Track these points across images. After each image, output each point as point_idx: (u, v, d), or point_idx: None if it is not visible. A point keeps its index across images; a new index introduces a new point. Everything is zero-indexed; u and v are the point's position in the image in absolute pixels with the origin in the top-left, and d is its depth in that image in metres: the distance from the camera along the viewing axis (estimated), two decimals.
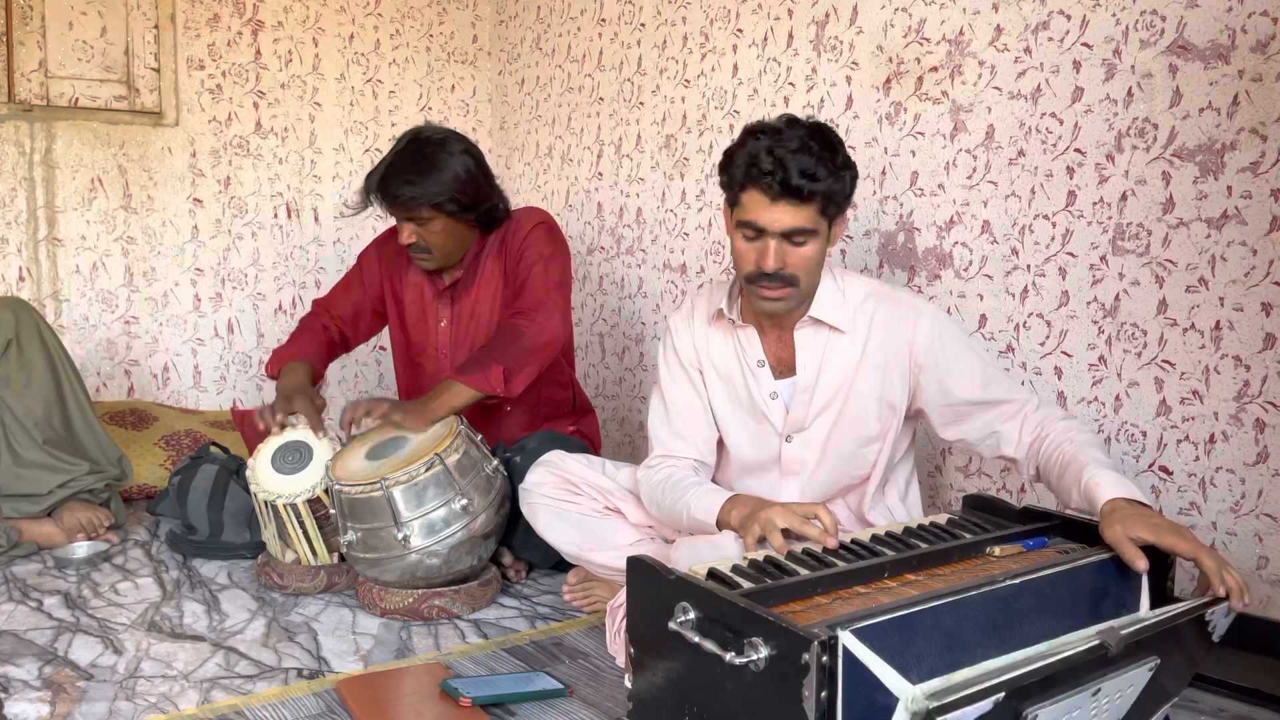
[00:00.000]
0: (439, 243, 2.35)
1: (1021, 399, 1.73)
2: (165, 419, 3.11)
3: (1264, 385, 1.74)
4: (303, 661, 1.84)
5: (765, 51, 2.64)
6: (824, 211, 1.67)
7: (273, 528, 2.23)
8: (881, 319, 1.78)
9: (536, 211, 2.49)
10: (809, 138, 1.64)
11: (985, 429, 1.74)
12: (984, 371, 1.75)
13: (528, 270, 2.37)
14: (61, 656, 1.85)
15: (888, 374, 1.79)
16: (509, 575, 2.31)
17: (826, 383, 1.80)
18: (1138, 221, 1.89)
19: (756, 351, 1.84)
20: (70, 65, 3.19)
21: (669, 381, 1.93)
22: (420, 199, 2.27)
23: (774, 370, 1.84)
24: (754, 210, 1.66)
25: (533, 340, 2.27)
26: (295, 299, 3.61)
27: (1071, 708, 1.20)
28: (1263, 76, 1.71)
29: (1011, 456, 1.73)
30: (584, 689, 1.71)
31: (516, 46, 3.74)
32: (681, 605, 1.24)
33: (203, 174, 3.42)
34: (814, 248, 1.68)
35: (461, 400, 2.20)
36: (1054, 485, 1.64)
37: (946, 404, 1.76)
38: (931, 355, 1.75)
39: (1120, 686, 1.26)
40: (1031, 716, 1.15)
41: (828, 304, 1.78)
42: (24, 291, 3.18)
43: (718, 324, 1.88)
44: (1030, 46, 2.04)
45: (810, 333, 1.80)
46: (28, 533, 2.48)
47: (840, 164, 1.66)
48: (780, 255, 1.66)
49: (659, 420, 1.93)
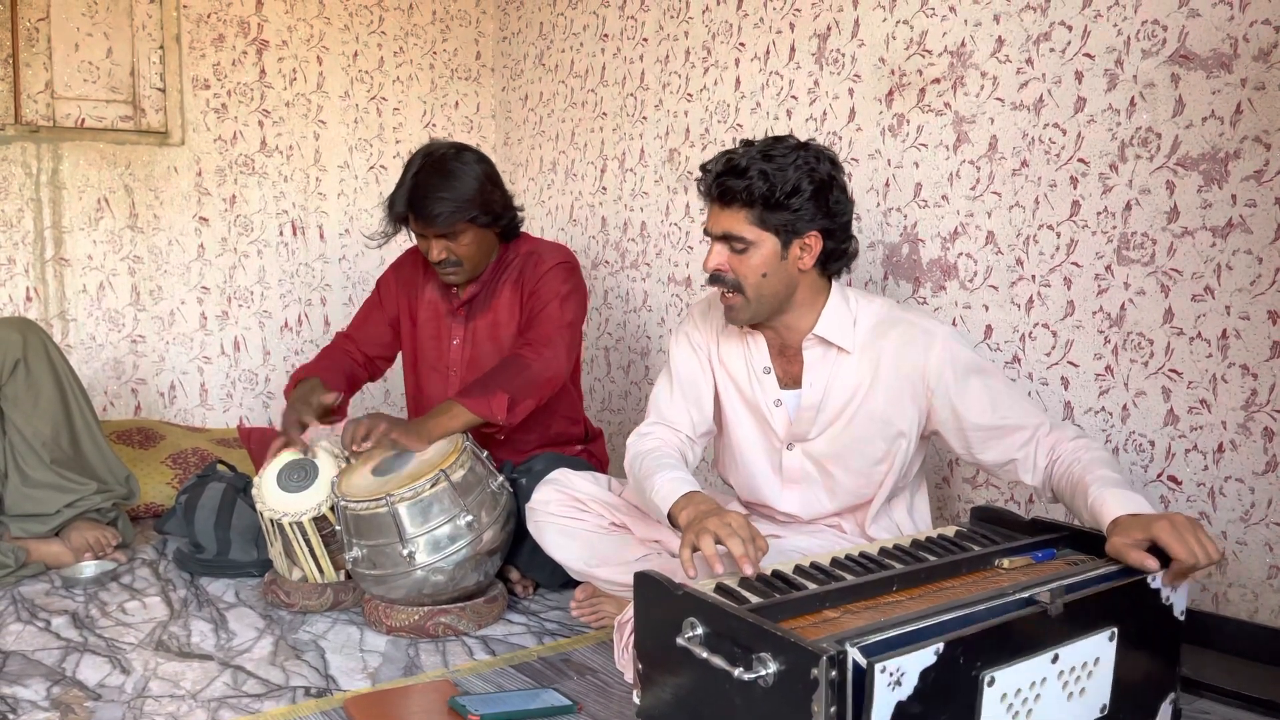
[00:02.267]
0: (469, 254, 2.36)
1: (1034, 424, 1.71)
2: (172, 437, 3.12)
3: (1272, 393, 1.73)
4: (310, 680, 1.84)
5: (767, 65, 2.64)
6: (764, 223, 1.70)
7: (279, 545, 2.22)
8: (894, 342, 1.77)
9: (561, 249, 2.51)
10: (758, 149, 1.72)
11: (1002, 456, 1.73)
12: (996, 396, 1.74)
13: (543, 305, 2.39)
14: (69, 677, 1.85)
15: (899, 397, 1.78)
16: (516, 592, 2.31)
17: (833, 401, 1.81)
18: (1142, 231, 1.89)
19: (764, 359, 1.87)
20: (76, 86, 3.21)
21: (678, 359, 1.96)
22: (456, 214, 2.28)
23: (780, 380, 1.86)
24: (706, 213, 1.80)
25: (538, 374, 2.28)
26: (301, 316, 3.62)
27: (1033, 674, 1.21)
28: (1265, 85, 1.71)
29: (1029, 484, 1.73)
30: (592, 705, 1.70)
31: (520, 63, 3.76)
32: (689, 620, 1.24)
33: (208, 193, 3.44)
34: (757, 259, 1.72)
35: (460, 423, 2.20)
36: (1070, 507, 1.64)
37: (959, 428, 1.76)
38: (943, 379, 1.74)
39: (1082, 656, 1.26)
40: (988, 679, 1.16)
41: (834, 324, 1.79)
42: (31, 312, 3.19)
43: (731, 326, 1.89)
44: (1032, 57, 2.04)
45: (819, 352, 1.81)
46: (35, 552, 2.49)
47: (782, 167, 1.68)
48: (720, 258, 1.75)
49: (663, 390, 1.97)
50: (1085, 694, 1.29)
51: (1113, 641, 1.30)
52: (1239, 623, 1.78)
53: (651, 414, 1.96)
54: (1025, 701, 1.22)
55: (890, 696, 1.09)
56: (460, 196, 2.28)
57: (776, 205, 1.69)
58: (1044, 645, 1.23)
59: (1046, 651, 1.23)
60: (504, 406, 2.21)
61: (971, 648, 1.16)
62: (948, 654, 1.13)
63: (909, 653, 1.10)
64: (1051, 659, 1.23)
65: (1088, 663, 1.28)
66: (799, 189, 1.69)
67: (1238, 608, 1.80)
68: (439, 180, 2.28)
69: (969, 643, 1.15)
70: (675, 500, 1.65)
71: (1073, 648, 1.25)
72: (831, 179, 1.74)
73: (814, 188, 1.70)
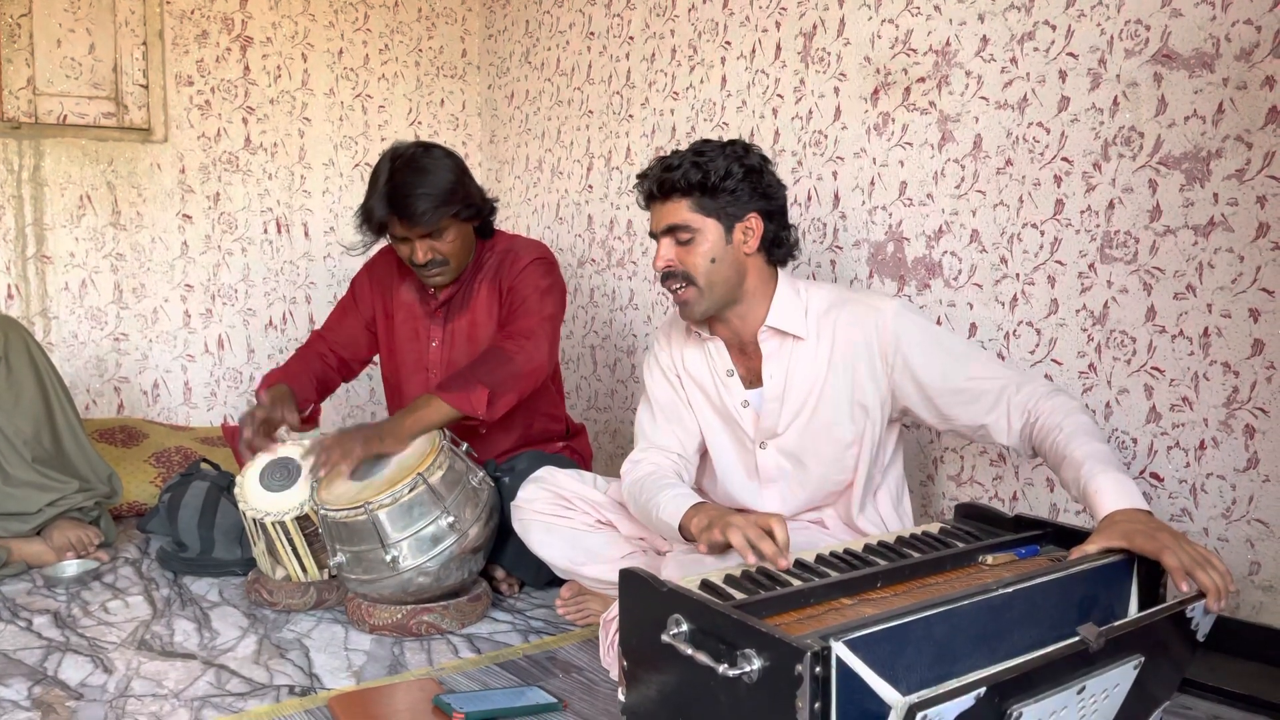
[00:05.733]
0: (454, 251, 2.32)
1: (1000, 386, 1.72)
2: (155, 436, 3.10)
3: (1253, 391, 1.75)
4: (294, 678, 1.83)
5: (753, 64, 2.65)
6: (704, 209, 1.76)
7: (262, 544, 2.21)
8: (845, 322, 1.81)
9: (538, 245, 2.49)
10: (689, 149, 1.81)
11: (973, 421, 1.75)
12: (953, 357, 1.76)
13: (522, 299, 2.35)
14: (51, 676, 1.84)
15: (855, 374, 1.80)
16: (502, 590, 2.30)
17: (795, 390, 1.83)
18: (1125, 229, 1.90)
19: (725, 362, 1.89)
20: (59, 82, 3.19)
21: (653, 384, 1.99)
22: (441, 210, 2.23)
23: (744, 380, 1.88)
24: (650, 218, 1.83)
25: (521, 366, 2.25)
26: (286, 314, 3.60)
27: (1056, 706, 1.20)
28: (1247, 84, 1.72)
29: (1005, 445, 1.74)
30: (577, 703, 1.70)
31: (505, 60, 3.75)
32: (674, 617, 1.24)
33: (192, 190, 3.42)
34: (704, 246, 1.77)
35: (439, 417, 2.17)
36: (1053, 471, 1.63)
37: (924, 397, 1.77)
38: (898, 349, 1.77)
39: (1105, 685, 1.26)
40: (1016, 714, 1.15)
41: (784, 312, 1.83)
42: (13, 309, 3.17)
43: (691, 338, 1.93)
44: (1016, 57, 2.05)
45: (775, 344, 1.84)
46: (17, 551, 2.47)
47: (700, 164, 1.75)
48: (668, 253, 1.79)
49: (646, 418, 1.99)
50: (1096, 714, 1.28)
51: (1136, 670, 1.29)
52: (1220, 618, 1.79)
53: (640, 441, 1.97)
54: None
55: None
56: (441, 190, 2.23)
57: (712, 189, 1.76)
58: (1074, 678, 1.21)
59: (1075, 684, 1.21)
60: (484, 401, 2.17)
61: (1011, 690, 1.14)
62: (988, 698, 1.11)
63: (950, 699, 1.07)
64: (1078, 690, 1.22)
65: (1108, 689, 1.27)
66: (730, 173, 1.76)
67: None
68: (416, 178, 2.23)
69: (1008, 685, 1.13)
70: (684, 512, 1.66)
71: (1099, 679, 1.24)
72: (762, 163, 1.82)
73: (744, 170, 1.77)
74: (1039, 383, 1.72)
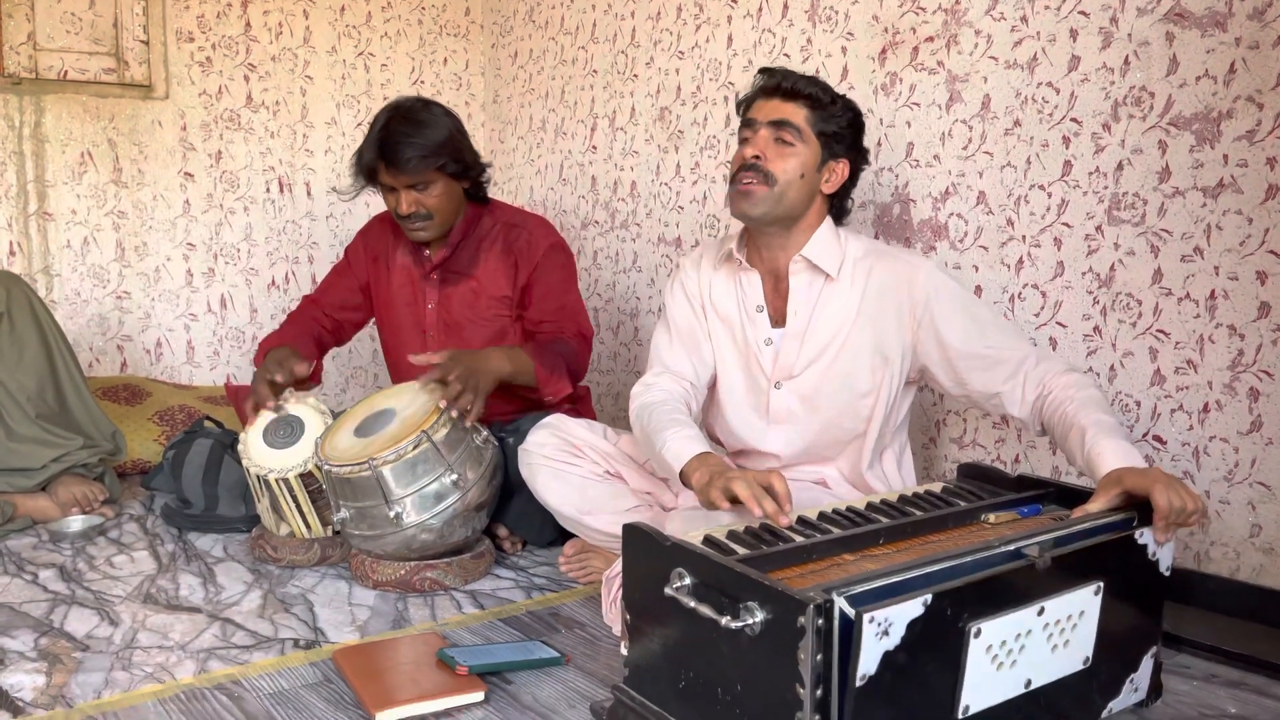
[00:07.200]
0: (438, 206, 2.35)
1: (1020, 357, 1.75)
2: (159, 394, 3.11)
3: (1258, 354, 1.74)
4: (299, 632, 1.85)
5: (760, 22, 2.62)
6: (815, 128, 1.81)
7: (266, 501, 2.22)
8: (880, 271, 1.84)
9: (549, 226, 2.54)
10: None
11: (988, 387, 1.76)
12: (981, 323, 1.79)
13: (563, 293, 2.46)
14: (57, 628, 1.85)
15: (883, 323, 1.82)
16: (505, 549, 2.31)
17: (819, 332, 1.84)
18: (1134, 191, 1.89)
19: (757, 296, 1.90)
20: (59, 38, 3.16)
21: (675, 309, 2.00)
22: (428, 160, 2.28)
23: (772, 319, 1.89)
24: (753, 109, 1.85)
25: (582, 368, 2.42)
26: (288, 274, 3.59)
27: (1019, 626, 1.23)
28: (1259, 44, 1.70)
29: (1016, 416, 1.75)
30: (581, 657, 1.71)
31: (509, 19, 3.71)
32: (677, 571, 1.25)
33: (194, 148, 3.40)
34: (799, 158, 1.80)
35: (519, 370, 2.26)
36: (1060, 445, 1.65)
37: (945, 359, 1.79)
38: (927, 306, 1.79)
39: (1068, 609, 1.28)
40: (975, 629, 1.17)
41: (821, 247, 1.85)
42: (15, 267, 3.16)
43: (725, 267, 1.95)
44: (1027, 15, 2.03)
45: (805, 279, 1.86)
46: (22, 507, 2.48)
47: (829, 91, 1.83)
48: (764, 145, 1.80)
49: (663, 341, 2.00)
50: (1069, 645, 1.30)
51: (1098, 595, 1.31)
52: (1220, 579, 1.80)
53: (655, 364, 1.99)
54: (1010, 652, 1.23)
55: (878, 646, 1.10)
56: (431, 143, 2.28)
57: (831, 117, 1.82)
58: (1030, 598, 1.24)
59: (1032, 604, 1.24)
60: (565, 386, 2.32)
61: (959, 599, 1.17)
62: (935, 605, 1.14)
63: (897, 604, 1.11)
64: (1037, 611, 1.25)
65: (1073, 615, 1.29)
66: (850, 116, 1.86)
67: (1219, 565, 1.82)
68: (409, 128, 2.28)
69: (956, 595, 1.16)
70: (688, 460, 1.67)
71: (1058, 601, 1.27)
72: (864, 125, 1.91)
73: (853, 116, 1.87)
74: (1057, 360, 1.76)
